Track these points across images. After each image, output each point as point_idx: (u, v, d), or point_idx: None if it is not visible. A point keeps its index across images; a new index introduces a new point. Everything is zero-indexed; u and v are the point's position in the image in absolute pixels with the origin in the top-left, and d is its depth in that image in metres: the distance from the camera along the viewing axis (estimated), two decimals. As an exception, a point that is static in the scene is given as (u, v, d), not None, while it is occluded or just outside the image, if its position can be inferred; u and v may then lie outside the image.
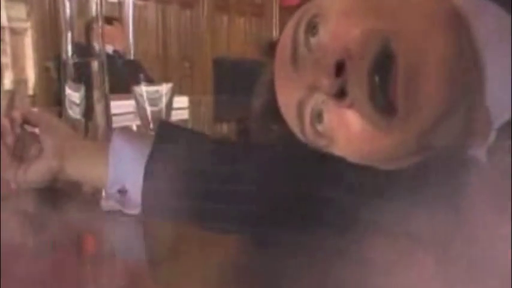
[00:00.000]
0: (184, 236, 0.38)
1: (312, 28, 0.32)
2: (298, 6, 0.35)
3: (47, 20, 2.90)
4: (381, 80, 0.28)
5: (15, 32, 2.70)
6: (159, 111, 0.66)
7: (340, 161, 0.34)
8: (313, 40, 0.32)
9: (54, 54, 2.02)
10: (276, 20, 4.14)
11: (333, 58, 0.29)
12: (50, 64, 2.41)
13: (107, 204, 0.39)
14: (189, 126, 0.98)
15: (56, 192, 0.45)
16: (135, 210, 0.37)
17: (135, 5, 3.37)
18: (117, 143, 0.40)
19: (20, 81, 2.66)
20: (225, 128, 1.03)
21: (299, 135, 0.35)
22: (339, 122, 0.31)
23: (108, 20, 2.13)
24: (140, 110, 0.67)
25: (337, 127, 0.32)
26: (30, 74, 2.77)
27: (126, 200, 0.38)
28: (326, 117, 0.32)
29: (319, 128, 0.33)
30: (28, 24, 2.77)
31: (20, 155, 0.45)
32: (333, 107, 0.31)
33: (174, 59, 3.61)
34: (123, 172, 0.39)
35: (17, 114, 0.46)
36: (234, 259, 0.35)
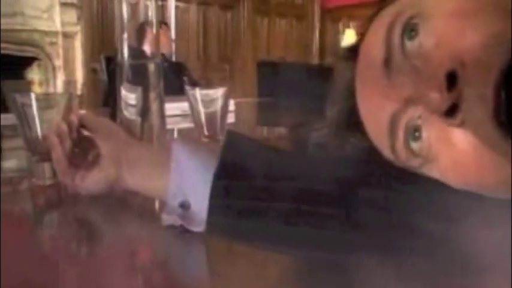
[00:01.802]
0: (251, 257, 0.34)
1: (409, 30, 0.27)
2: (342, 7, 0.31)
3: (94, 24, 3.01)
4: (506, 94, 0.23)
5: (66, 36, 2.82)
6: (213, 114, 0.63)
7: (431, 182, 0.29)
8: (410, 44, 0.27)
9: (103, 56, 2.07)
10: (317, 22, 4.08)
11: (443, 68, 0.24)
12: (97, 66, 2.48)
13: (167, 218, 0.36)
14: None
15: (114, 201, 0.43)
16: (199, 228, 0.34)
17: (177, 8, 3.44)
18: (179, 153, 0.36)
19: (70, 82, 2.78)
20: (267, 133, 1.00)
21: (386, 151, 0.30)
22: (443, 142, 0.26)
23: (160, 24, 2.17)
24: (194, 113, 0.64)
25: (440, 147, 0.27)
26: (79, 75, 2.89)
27: (189, 215, 0.35)
28: (425, 134, 0.27)
29: (414, 146, 0.28)
30: (78, 28, 2.89)
31: (77, 161, 0.43)
32: (435, 123, 0.26)
33: (214, 61, 3.64)
34: (185, 184, 0.35)
35: (74, 118, 0.44)
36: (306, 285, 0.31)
